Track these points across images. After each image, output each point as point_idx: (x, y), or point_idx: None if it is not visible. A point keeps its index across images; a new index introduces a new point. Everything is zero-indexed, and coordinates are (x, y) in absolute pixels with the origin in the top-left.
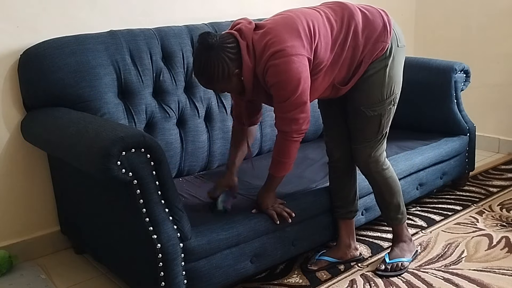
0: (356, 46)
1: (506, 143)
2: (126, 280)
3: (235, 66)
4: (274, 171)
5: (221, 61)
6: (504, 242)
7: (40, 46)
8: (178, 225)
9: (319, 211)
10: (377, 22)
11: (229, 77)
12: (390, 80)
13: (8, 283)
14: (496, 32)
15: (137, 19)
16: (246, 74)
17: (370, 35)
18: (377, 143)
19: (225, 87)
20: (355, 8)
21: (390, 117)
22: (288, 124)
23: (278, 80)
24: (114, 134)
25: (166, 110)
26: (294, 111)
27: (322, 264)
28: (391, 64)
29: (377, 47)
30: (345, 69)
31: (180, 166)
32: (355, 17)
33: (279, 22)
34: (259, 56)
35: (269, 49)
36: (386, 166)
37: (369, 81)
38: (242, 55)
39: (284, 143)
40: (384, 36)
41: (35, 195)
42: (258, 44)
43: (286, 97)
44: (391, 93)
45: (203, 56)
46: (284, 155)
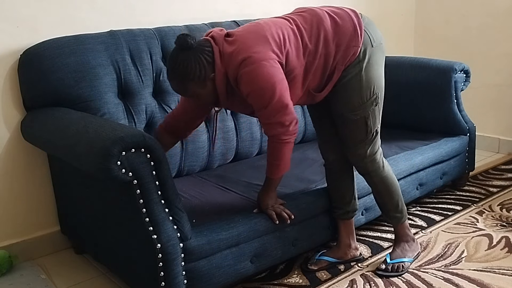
0: (327, 54)
1: (506, 143)
2: (126, 280)
3: (211, 70)
4: (270, 174)
5: (199, 62)
6: (504, 242)
7: (40, 46)
8: (178, 225)
9: (319, 211)
10: (346, 27)
11: (204, 81)
12: (368, 82)
13: (8, 283)
14: (496, 32)
15: (137, 19)
16: (219, 78)
17: (340, 41)
18: (369, 142)
19: (198, 91)
20: (324, 15)
21: (376, 117)
22: (274, 129)
23: (252, 88)
24: (114, 134)
25: (166, 110)
26: (277, 115)
27: (322, 264)
28: (366, 66)
29: (348, 52)
30: (318, 76)
31: (180, 166)
32: (324, 24)
33: (247, 30)
34: (227, 64)
35: (237, 56)
36: (382, 165)
37: (347, 87)
38: (215, 60)
39: (275, 147)
40: (355, 40)
41: (35, 195)
42: (226, 52)
43: (265, 103)
44: (371, 94)
45: (181, 56)
46: (277, 158)
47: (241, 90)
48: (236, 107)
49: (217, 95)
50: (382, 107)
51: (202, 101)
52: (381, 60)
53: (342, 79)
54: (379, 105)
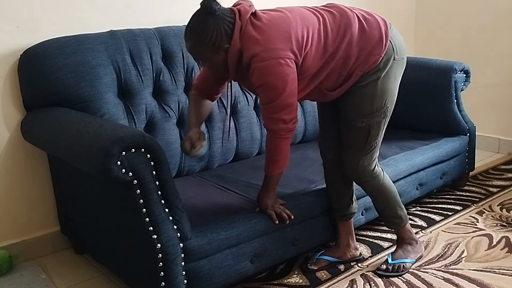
0: (347, 57)
1: (506, 143)
2: (126, 280)
3: (227, 41)
4: (268, 170)
5: (217, 29)
6: (504, 242)
7: (40, 46)
8: (178, 225)
9: (319, 211)
10: (373, 34)
11: (218, 49)
12: (382, 93)
13: (8, 283)
14: (496, 32)
15: (137, 19)
16: (232, 54)
17: (364, 47)
18: (364, 153)
19: (209, 57)
20: (353, 17)
21: (380, 129)
22: (276, 123)
23: (264, 82)
24: (114, 134)
25: (166, 110)
26: (280, 112)
27: (322, 264)
28: (384, 76)
29: (370, 60)
30: (334, 77)
31: (180, 166)
32: (352, 27)
33: (274, 21)
34: (245, 44)
35: (255, 46)
36: (376, 175)
37: (360, 92)
38: (234, 34)
39: (273, 141)
40: (379, 49)
41: (35, 195)
42: (248, 33)
43: (272, 99)
44: (382, 105)
45: (203, 18)
46: (275, 153)
47: (252, 80)
48: (244, 84)
49: (227, 66)
50: (387, 122)
51: (213, 68)
52: (399, 75)
53: (357, 84)
54: (386, 118)
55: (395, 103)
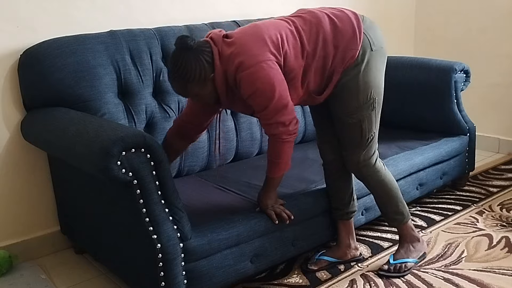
0: (326, 55)
1: (506, 143)
2: (126, 280)
3: (211, 71)
4: (270, 173)
5: (199, 62)
6: (504, 242)
7: (40, 46)
8: (178, 225)
9: (319, 211)
10: (345, 29)
11: (205, 81)
12: (366, 86)
13: (8, 283)
14: (496, 32)
15: (137, 19)
16: (219, 80)
17: (339, 43)
18: (363, 147)
19: (199, 92)
20: (323, 16)
21: (372, 121)
22: (275, 128)
23: (253, 91)
24: (114, 134)
25: (166, 110)
26: (276, 115)
27: (322, 264)
28: (364, 69)
29: (347, 55)
30: (318, 78)
31: (180, 166)
32: (323, 25)
33: (245, 32)
34: (226, 65)
35: (235, 58)
36: (378, 169)
37: (344, 89)
38: (215, 60)
39: (276, 145)
40: (354, 43)
41: (35, 195)
42: (225, 53)
43: (265, 105)
44: (367, 98)
45: (181, 57)
46: (278, 156)
47: (241, 92)
48: (237, 107)
49: (217, 95)
50: (380, 112)
51: (204, 101)
52: (381, 65)
53: (340, 81)
54: (376, 110)
55: (394, 99)
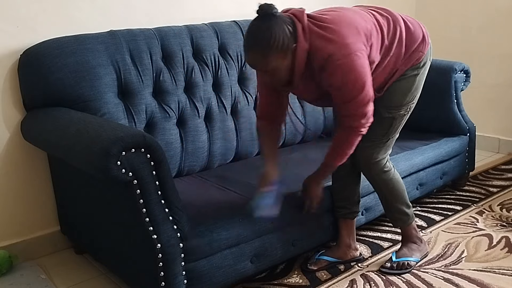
0: (399, 53)
1: (506, 143)
2: (126, 280)
3: (293, 41)
4: (333, 159)
5: (283, 30)
6: (504, 242)
7: (40, 46)
8: (178, 225)
9: (319, 211)
10: (417, 33)
11: (286, 51)
12: (415, 89)
13: (8, 283)
14: (496, 32)
15: (137, 19)
16: (300, 54)
17: (410, 44)
18: (381, 145)
19: (279, 63)
20: (399, 16)
21: (401, 124)
22: (357, 120)
23: (345, 81)
24: (114, 134)
25: (166, 110)
26: (362, 107)
27: (321, 264)
28: (421, 74)
29: (414, 57)
30: (385, 73)
31: (180, 166)
32: (400, 24)
33: (339, 18)
34: (316, 47)
35: (330, 44)
36: (387, 169)
37: (397, 85)
38: (298, 35)
39: (350, 136)
40: (423, 47)
41: (35, 195)
42: (316, 34)
43: (353, 95)
44: (411, 100)
45: (264, 24)
46: (348, 146)
47: (330, 81)
48: (307, 91)
49: (293, 72)
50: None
51: (277, 78)
52: (425, 75)
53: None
54: (408, 114)
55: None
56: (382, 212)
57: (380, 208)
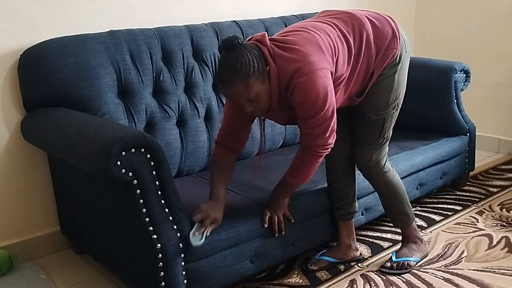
0: (369, 56)
1: (506, 143)
2: (126, 280)
3: (265, 63)
4: (290, 178)
5: (254, 55)
6: (504, 242)
7: (40, 46)
8: (178, 225)
9: (319, 211)
10: (386, 30)
11: (263, 74)
12: (398, 86)
13: (8, 283)
14: (496, 32)
15: (137, 19)
16: (274, 76)
17: (381, 43)
18: (378, 147)
19: (261, 88)
20: (363, 18)
21: (392, 122)
22: (314, 139)
23: (306, 98)
24: (114, 134)
25: (166, 110)
26: (322, 125)
27: (322, 264)
28: (399, 70)
29: (388, 55)
30: (360, 80)
31: (180, 166)
32: (366, 27)
33: (301, 38)
34: (282, 67)
35: (293, 64)
36: (386, 170)
37: (378, 87)
38: (266, 58)
39: (307, 156)
40: (395, 43)
41: (35, 195)
42: (280, 56)
43: (314, 113)
44: (396, 97)
45: (235, 54)
46: (305, 166)
47: (292, 98)
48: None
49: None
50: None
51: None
52: (407, 68)
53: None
54: (397, 111)
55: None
56: (382, 212)
57: (380, 208)
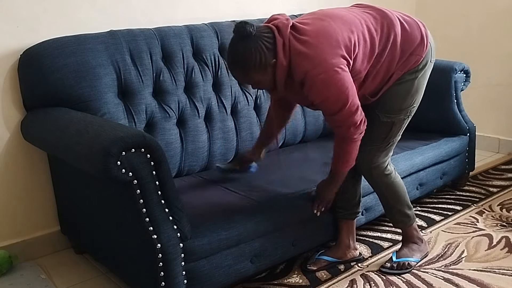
0: (392, 58)
1: (506, 143)
2: (126, 280)
3: (272, 56)
4: (338, 167)
5: (259, 49)
6: (504, 242)
7: (40, 46)
8: (178, 225)
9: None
10: (414, 35)
11: (266, 67)
12: (415, 92)
13: (8, 283)
14: (496, 32)
15: (137, 19)
16: (280, 71)
17: (407, 47)
18: (381, 149)
19: (260, 78)
20: (395, 18)
21: (401, 128)
22: (346, 130)
23: (325, 97)
24: (114, 134)
25: (166, 110)
26: (349, 119)
27: (321, 264)
28: (420, 77)
29: (411, 60)
30: (378, 80)
31: (180, 166)
32: (395, 28)
33: (320, 32)
34: (296, 63)
35: (308, 61)
36: (388, 172)
37: (395, 90)
38: (278, 51)
39: (346, 145)
40: (420, 50)
41: (35, 195)
42: (295, 50)
43: (337, 110)
44: (410, 104)
45: (240, 44)
46: (347, 153)
47: (311, 97)
48: (294, 97)
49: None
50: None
51: (264, 88)
52: (428, 77)
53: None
54: (409, 118)
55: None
56: (382, 212)
57: (380, 208)
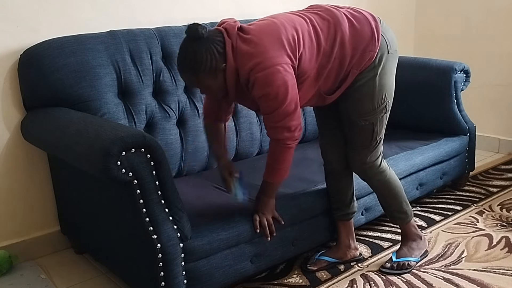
0: (343, 57)
1: (506, 143)
2: (126, 280)
3: (222, 61)
4: (268, 177)
5: (210, 52)
6: (504, 242)
7: (40, 46)
8: (178, 225)
9: (319, 211)
10: (364, 31)
11: (216, 72)
12: (381, 89)
13: (8, 283)
14: (496, 32)
15: (137, 19)
16: (229, 73)
17: (357, 45)
18: (371, 149)
19: (211, 83)
20: (342, 17)
21: (383, 124)
22: (280, 133)
23: (265, 93)
24: (114, 134)
25: (166, 110)
26: (284, 120)
27: (321, 264)
28: (381, 72)
29: (364, 57)
30: (331, 79)
31: (180, 166)
32: (342, 26)
33: (263, 30)
34: (241, 63)
35: (252, 59)
36: (382, 170)
37: (359, 91)
38: (227, 53)
39: (278, 150)
40: (372, 45)
41: (35, 195)
42: (240, 49)
43: (274, 108)
44: (382, 101)
45: (191, 46)
46: (278, 161)
47: (253, 93)
48: (245, 103)
49: (226, 88)
50: (388, 115)
51: (213, 93)
52: (394, 68)
53: (355, 84)
54: (387, 113)
55: (393, 99)
56: (382, 212)
57: (380, 208)
